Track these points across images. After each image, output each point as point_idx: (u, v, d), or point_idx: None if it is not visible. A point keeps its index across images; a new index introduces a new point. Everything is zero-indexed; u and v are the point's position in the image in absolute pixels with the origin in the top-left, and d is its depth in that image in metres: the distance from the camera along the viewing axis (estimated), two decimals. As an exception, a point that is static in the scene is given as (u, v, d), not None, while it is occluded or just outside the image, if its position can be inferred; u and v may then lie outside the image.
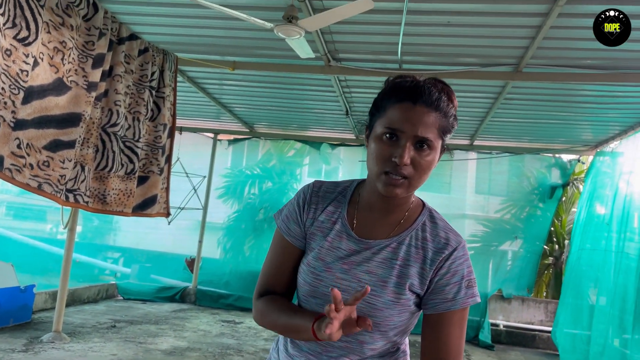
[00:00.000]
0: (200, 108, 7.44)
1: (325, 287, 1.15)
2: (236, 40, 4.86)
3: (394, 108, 1.11)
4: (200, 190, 8.08)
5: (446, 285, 1.15)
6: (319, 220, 1.22)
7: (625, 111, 5.72)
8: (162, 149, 4.16)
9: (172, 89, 4.25)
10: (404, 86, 1.13)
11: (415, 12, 3.94)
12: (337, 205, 1.24)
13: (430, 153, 1.11)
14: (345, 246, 1.18)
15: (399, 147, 1.08)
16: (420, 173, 1.11)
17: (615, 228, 6.00)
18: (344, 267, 1.16)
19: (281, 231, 1.26)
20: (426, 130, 1.09)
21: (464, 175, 8.24)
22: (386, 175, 1.09)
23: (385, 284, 1.14)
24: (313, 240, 1.22)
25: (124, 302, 7.48)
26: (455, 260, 1.17)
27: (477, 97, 5.78)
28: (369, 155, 1.15)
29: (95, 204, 3.59)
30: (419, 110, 1.09)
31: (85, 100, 3.22)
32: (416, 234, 1.19)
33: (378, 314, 1.12)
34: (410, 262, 1.16)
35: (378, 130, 1.13)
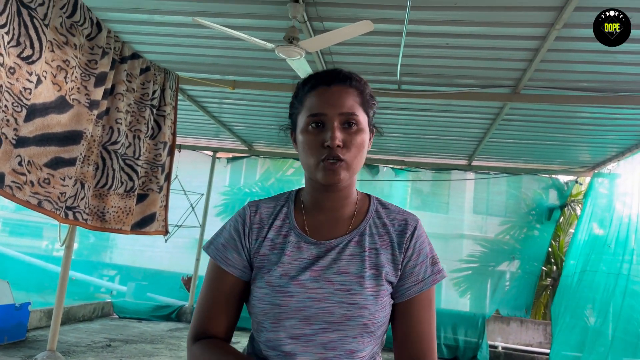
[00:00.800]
0: (200, 126, 7.48)
1: (297, 302, 1.06)
2: (237, 60, 4.91)
3: (311, 96, 1.11)
4: (198, 208, 8.07)
5: (414, 267, 1.12)
6: (269, 238, 1.14)
7: (623, 133, 5.77)
8: (161, 167, 4.17)
9: (172, 108, 4.28)
10: (314, 75, 1.14)
11: (415, 34, 3.99)
12: (283, 218, 1.17)
13: (359, 130, 1.09)
14: (307, 254, 1.11)
15: (327, 131, 1.06)
16: (355, 152, 1.08)
17: (613, 250, 6.01)
18: (312, 276, 1.08)
19: (217, 262, 1.14)
20: (348, 106, 1.08)
21: (462, 195, 8.26)
22: (323, 162, 1.06)
23: (362, 279, 1.08)
24: (267, 262, 1.12)
25: (119, 321, 7.40)
26: (418, 238, 1.15)
27: (475, 118, 5.82)
28: (300, 152, 1.12)
29: (94, 221, 3.58)
30: (335, 89, 1.09)
31: (87, 118, 3.24)
32: (374, 222, 1.16)
33: (364, 313, 1.05)
34: (378, 250, 1.12)
35: (301, 123, 1.12)
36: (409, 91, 5.11)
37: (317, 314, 1.05)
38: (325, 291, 1.06)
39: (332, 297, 1.06)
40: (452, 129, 6.35)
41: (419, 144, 7.19)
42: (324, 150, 1.06)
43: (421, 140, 6.96)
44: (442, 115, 5.81)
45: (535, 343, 7.38)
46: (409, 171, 8.10)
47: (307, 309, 1.05)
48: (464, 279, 7.90)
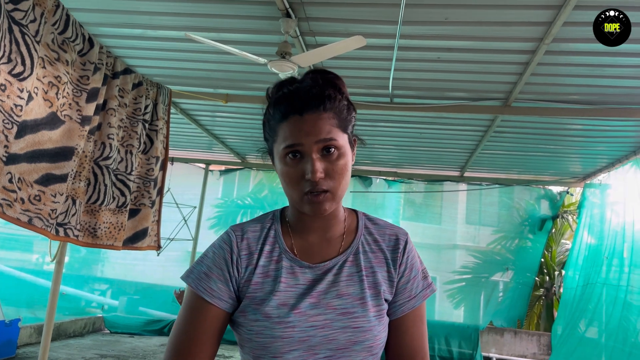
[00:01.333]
0: (192, 139, 7.46)
1: (300, 332, 1.00)
2: (229, 74, 4.93)
3: (283, 126, 1.02)
4: (191, 221, 8.03)
5: (407, 282, 1.10)
6: (260, 265, 1.07)
7: (612, 145, 5.83)
8: (154, 182, 4.14)
9: (165, 122, 4.26)
10: (283, 98, 1.04)
11: (406, 49, 4.03)
12: (272, 241, 1.10)
13: (340, 155, 1.02)
14: (303, 279, 1.06)
15: (307, 163, 1.00)
16: (339, 180, 1.02)
17: (608, 261, 6.04)
18: (312, 302, 1.03)
19: (200, 293, 1.04)
20: (324, 133, 1.00)
21: (455, 206, 8.29)
22: (307, 195, 1.01)
23: (364, 300, 1.04)
24: (260, 291, 1.05)
25: (110, 336, 7.32)
26: (409, 253, 1.12)
27: (467, 130, 5.86)
28: (282, 182, 1.06)
29: (86, 237, 3.54)
30: (308, 118, 1.00)
31: (79, 134, 3.22)
32: (366, 239, 1.12)
33: (368, 336, 1.01)
34: (374, 268, 1.08)
35: (278, 154, 1.04)
36: (401, 104, 5.14)
37: (322, 342, 1.00)
38: (328, 317, 1.02)
39: (335, 323, 1.01)
40: (444, 141, 6.38)
41: (412, 156, 7.22)
42: (306, 182, 1.01)
43: (414, 152, 6.99)
44: (435, 127, 5.84)
45: (529, 354, 7.37)
46: (401, 182, 8.12)
47: (311, 338, 1.00)
48: (458, 290, 7.90)
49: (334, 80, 1.09)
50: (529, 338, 7.47)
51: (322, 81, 1.06)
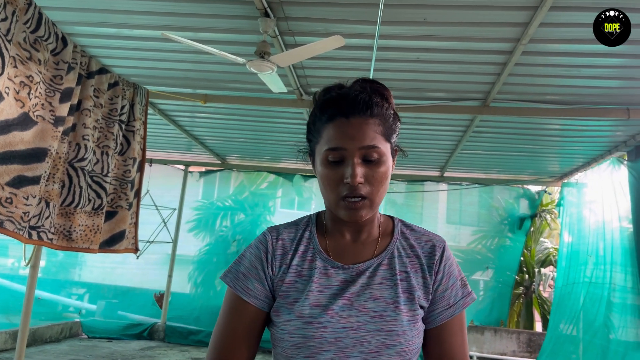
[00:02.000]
0: (171, 140, 7.38)
1: (332, 333, 1.00)
2: (207, 74, 4.87)
3: (329, 128, 1.04)
4: (170, 223, 7.93)
5: (445, 290, 1.09)
6: (294, 265, 1.08)
7: (588, 144, 5.92)
8: (131, 184, 4.08)
9: (142, 123, 4.20)
10: (331, 101, 1.05)
11: (385, 49, 4.03)
12: (307, 242, 1.12)
13: (381, 163, 1.03)
14: (336, 280, 1.06)
15: (347, 167, 1.01)
16: (378, 187, 1.03)
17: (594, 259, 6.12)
18: (344, 304, 1.03)
19: (237, 293, 1.08)
20: (369, 140, 1.01)
21: (435, 206, 8.35)
22: (344, 200, 1.02)
23: (397, 305, 1.03)
24: (293, 290, 1.06)
25: (88, 341, 7.18)
26: (447, 260, 1.11)
27: (446, 130, 5.89)
28: (320, 184, 1.07)
29: (60, 240, 3.46)
30: (354, 122, 1.02)
31: (52, 135, 3.15)
32: (401, 244, 1.12)
33: (400, 341, 1.00)
34: (409, 273, 1.08)
35: (320, 155, 1.05)
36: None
37: (353, 344, 1.00)
38: (360, 319, 1.01)
39: (368, 326, 1.01)
40: (424, 141, 6.41)
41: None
42: (344, 186, 1.01)
43: (394, 152, 7.01)
44: (414, 128, 5.87)
45: (509, 352, 7.44)
46: (382, 183, 8.12)
47: (343, 339, 1.00)
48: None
49: (382, 90, 1.09)
50: (509, 336, 7.55)
51: (371, 89, 1.07)
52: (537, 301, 8.61)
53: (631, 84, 4.33)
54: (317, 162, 1.08)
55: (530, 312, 8.57)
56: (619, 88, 4.42)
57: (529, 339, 7.52)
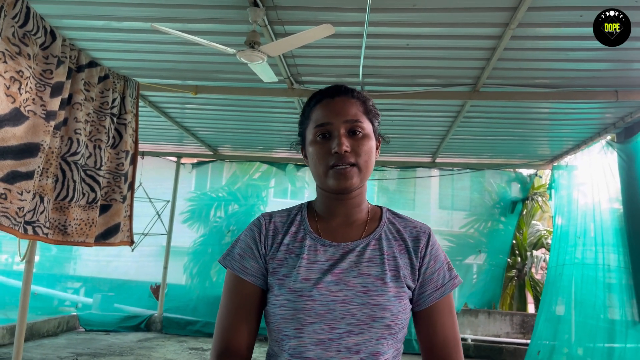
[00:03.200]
0: (163, 132, 7.36)
1: (321, 306, 1.05)
2: (198, 65, 4.86)
3: (316, 109, 1.17)
4: (164, 215, 7.94)
5: (433, 273, 1.15)
6: (285, 243, 1.16)
7: (578, 127, 5.98)
8: (124, 177, 4.08)
9: (133, 115, 4.19)
10: (319, 92, 1.21)
11: (375, 36, 4.04)
12: (298, 224, 1.20)
13: (366, 137, 1.14)
14: (324, 257, 1.12)
15: (334, 139, 1.11)
16: (365, 158, 1.12)
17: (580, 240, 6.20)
18: (334, 279, 1.08)
19: (235, 272, 1.15)
20: (352, 114, 1.14)
21: (427, 191, 8.40)
22: (333, 169, 1.11)
23: (384, 281, 1.09)
24: (284, 266, 1.12)
25: (86, 334, 7.22)
26: (433, 245, 1.18)
27: (437, 116, 5.92)
28: (310, 163, 1.17)
29: (56, 235, 3.47)
30: (339, 100, 1.16)
31: (44, 129, 3.14)
32: (389, 228, 1.19)
33: (387, 314, 1.06)
34: (395, 254, 1.14)
35: (309, 136, 1.17)
36: (372, 92, 5.16)
37: (341, 316, 1.05)
38: (348, 293, 1.07)
39: (355, 299, 1.06)
40: (415, 128, 6.44)
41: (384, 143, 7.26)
42: (332, 156, 1.10)
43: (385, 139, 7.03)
44: (405, 114, 5.89)
45: (502, 333, 7.56)
46: (375, 170, 8.17)
47: (331, 311, 1.05)
48: (433, 274, 8.01)
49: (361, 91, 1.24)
50: (502, 318, 7.66)
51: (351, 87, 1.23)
52: (530, 283, 8.74)
53: (619, 66, 4.37)
54: (307, 144, 1.18)
55: (523, 294, 8.70)
56: (607, 70, 4.46)
57: (522, 320, 7.64)
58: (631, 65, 4.33)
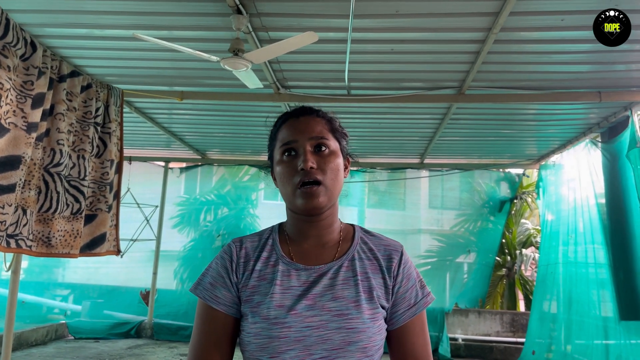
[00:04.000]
0: (150, 137, 7.31)
1: (296, 332, 1.04)
2: (183, 71, 4.83)
3: (282, 129, 1.17)
4: (153, 220, 7.90)
5: (406, 292, 1.15)
6: (257, 270, 1.13)
7: (563, 127, 6.02)
8: (109, 186, 4.05)
9: (118, 124, 4.16)
10: (284, 113, 1.21)
11: (360, 41, 4.04)
12: (270, 249, 1.17)
13: (332, 155, 1.13)
14: (298, 282, 1.10)
15: (300, 156, 1.11)
16: (331, 175, 1.11)
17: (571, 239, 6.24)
18: (308, 304, 1.07)
19: (206, 301, 1.13)
20: (317, 131, 1.14)
21: (417, 192, 8.42)
22: (300, 188, 1.09)
23: (359, 303, 1.08)
24: (257, 293, 1.10)
25: (75, 342, 7.16)
26: (405, 264, 1.17)
27: (424, 119, 5.94)
28: (279, 184, 1.15)
29: (40, 247, 3.44)
30: (303, 119, 1.16)
31: (25, 142, 3.11)
32: (361, 248, 1.18)
33: (362, 337, 1.05)
34: (369, 274, 1.13)
35: (277, 156, 1.16)
36: (359, 96, 5.16)
37: (317, 342, 1.04)
38: (323, 318, 1.06)
39: (330, 324, 1.05)
40: (403, 130, 6.45)
41: (373, 146, 7.28)
42: (298, 174, 1.09)
43: (374, 141, 7.05)
44: (393, 117, 5.90)
45: (492, 332, 7.60)
46: (364, 172, 8.19)
47: (307, 338, 1.04)
48: (424, 274, 8.01)
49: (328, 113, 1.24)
50: (492, 317, 7.70)
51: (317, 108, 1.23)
52: (520, 281, 8.79)
53: (601, 68, 4.41)
54: (275, 164, 1.17)
55: (513, 293, 8.75)
56: (589, 72, 4.49)
57: (512, 319, 7.69)
58: (613, 67, 4.37)
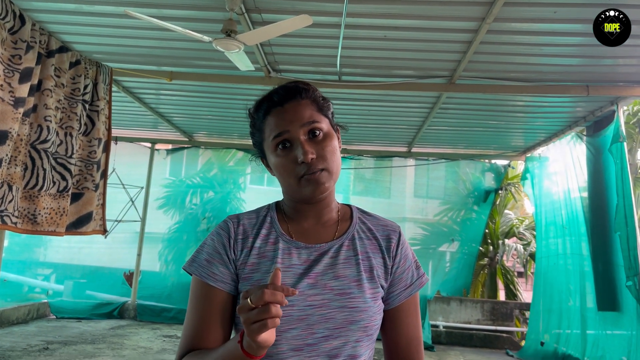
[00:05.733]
0: (137, 117, 7.23)
1: (299, 311, 1.03)
2: (173, 51, 4.77)
3: (268, 120, 1.10)
4: (138, 201, 7.84)
5: (403, 272, 1.15)
6: (256, 247, 1.11)
7: (550, 120, 6.09)
8: (97, 165, 4.01)
9: (106, 102, 4.10)
10: (263, 101, 1.14)
11: (353, 27, 4.02)
12: (269, 226, 1.15)
13: (327, 137, 1.10)
14: (299, 260, 1.10)
15: (297, 148, 1.06)
16: (332, 158, 1.09)
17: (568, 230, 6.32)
18: (310, 283, 1.06)
19: (203, 279, 1.09)
20: (307, 117, 1.08)
21: (403, 180, 8.48)
22: (303, 178, 1.06)
23: (360, 283, 1.08)
24: (257, 271, 1.08)
25: (57, 322, 7.12)
26: (403, 244, 1.18)
27: (413, 107, 5.96)
28: (277, 176, 1.12)
29: (25, 224, 3.40)
30: (289, 107, 1.09)
31: (12, 117, 3.06)
32: (360, 227, 1.18)
33: (364, 316, 1.05)
34: (369, 254, 1.13)
35: (269, 148, 1.11)
36: (350, 82, 5.16)
37: (319, 320, 1.04)
38: (325, 297, 1.05)
39: (332, 303, 1.05)
40: (391, 118, 6.47)
41: (361, 133, 7.29)
42: (300, 166, 1.06)
43: (362, 128, 7.06)
44: (382, 104, 5.91)
45: (473, 320, 7.73)
46: (351, 159, 8.20)
47: (309, 317, 1.04)
48: (407, 262, 8.11)
49: (304, 83, 1.16)
50: (474, 305, 7.82)
51: (293, 84, 1.14)
52: (501, 271, 8.93)
53: (590, 62, 4.46)
54: (269, 157, 1.12)
55: (494, 282, 8.89)
56: (578, 66, 4.54)
57: (493, 307, 7.82)
58: (601, 61, 4.43)
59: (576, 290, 5.89)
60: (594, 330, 5.45)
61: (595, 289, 5.44)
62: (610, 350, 5.10)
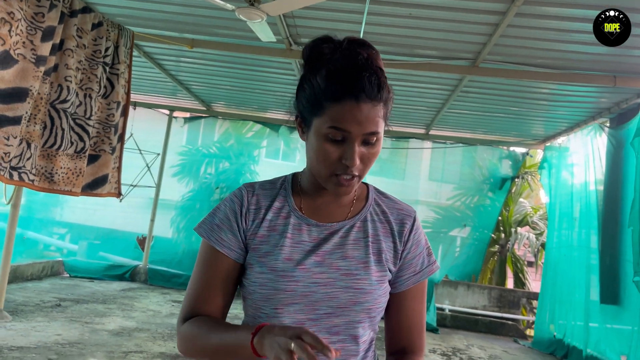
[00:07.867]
0: (156, 84, 7.24)
1: (303, 287, 1.04)
2: (195, 18, 4.74)
3: (336, 107, 0.99)
4: (154, 167, 7.91)
5: (413, 258, 1.14)
6: (267, 219, 1.10)
7: (573, 109, 5.97)
8: (114, 128, 4.04)
9: (127, 66, 4.11)
10: (339, 76, 1.00)
11: (378, 2, 3.95)
12: (282, 199, 1.13)
13: (377, 143, 1.04)
14: (309, 237, 1.09)
15: (348, 149, 1.00)
16: (370, 164, 1.06)
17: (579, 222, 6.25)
18: (317, 260, 1.06)
19: (211, 243, 1.09)
20: (374, 126, 1.01)
21: (419, 163, 8.42)
22: (336, 176, 1.03)
23: (367, 265, 1.08)
24: (266, 243, 1.08)
25: (70, 280, 7.29)
26: (417, 230, 1.16)
27: (434, 89, 5.88)
28: (312, 153, 1.05)
29: (42, 182, 3.45)
30: (364, 108, 0.98)
31: (33, 74, 3.08)
32: (374, 210, 1.16)
33: (368, 298, 1.05)
34: (380, 237, 1.12)
35: (320, 129, 1.01)
36: (371, 59, 5.08)
37: (323, 298, 1.04)
38: (331, 276, 1.05)
39: (338, 282, 1.05)
40: (411, 99, 6.39)
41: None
42: (340, 165, 1.02)
43: (381, 107, 6.98)
44: (403, 84, 5.83)
45: (479, 306, 7.75)
46: (367, 138, 8.14)
47: (313, 294, 1.04)
48: (417, 244, 8.11)
49: (378, 59, 1.06)
50: (481, 291, 7.83)
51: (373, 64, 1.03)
52: (511, 259, 8.89)
53: (619, 52, 4.33)
54: (312, 132, 1.04)
55: (504, 270, 8.86)
56: (607, 55, 4.42)
57: (500, 294, 7.82)
58: (631, 51, 4.30)
59: (581, 283, 5.85)
60: (597, 323, 5.43)
61: (600, 282, 5.40)
62: (611, 344, 5.10)
